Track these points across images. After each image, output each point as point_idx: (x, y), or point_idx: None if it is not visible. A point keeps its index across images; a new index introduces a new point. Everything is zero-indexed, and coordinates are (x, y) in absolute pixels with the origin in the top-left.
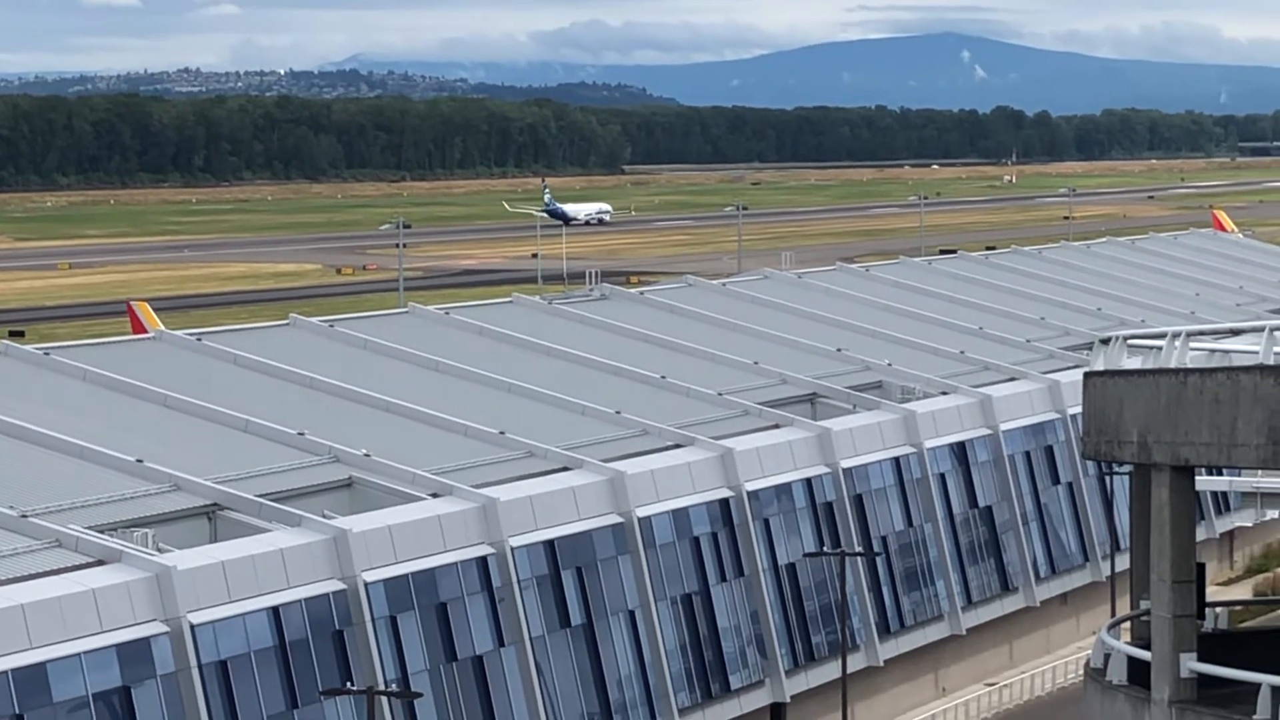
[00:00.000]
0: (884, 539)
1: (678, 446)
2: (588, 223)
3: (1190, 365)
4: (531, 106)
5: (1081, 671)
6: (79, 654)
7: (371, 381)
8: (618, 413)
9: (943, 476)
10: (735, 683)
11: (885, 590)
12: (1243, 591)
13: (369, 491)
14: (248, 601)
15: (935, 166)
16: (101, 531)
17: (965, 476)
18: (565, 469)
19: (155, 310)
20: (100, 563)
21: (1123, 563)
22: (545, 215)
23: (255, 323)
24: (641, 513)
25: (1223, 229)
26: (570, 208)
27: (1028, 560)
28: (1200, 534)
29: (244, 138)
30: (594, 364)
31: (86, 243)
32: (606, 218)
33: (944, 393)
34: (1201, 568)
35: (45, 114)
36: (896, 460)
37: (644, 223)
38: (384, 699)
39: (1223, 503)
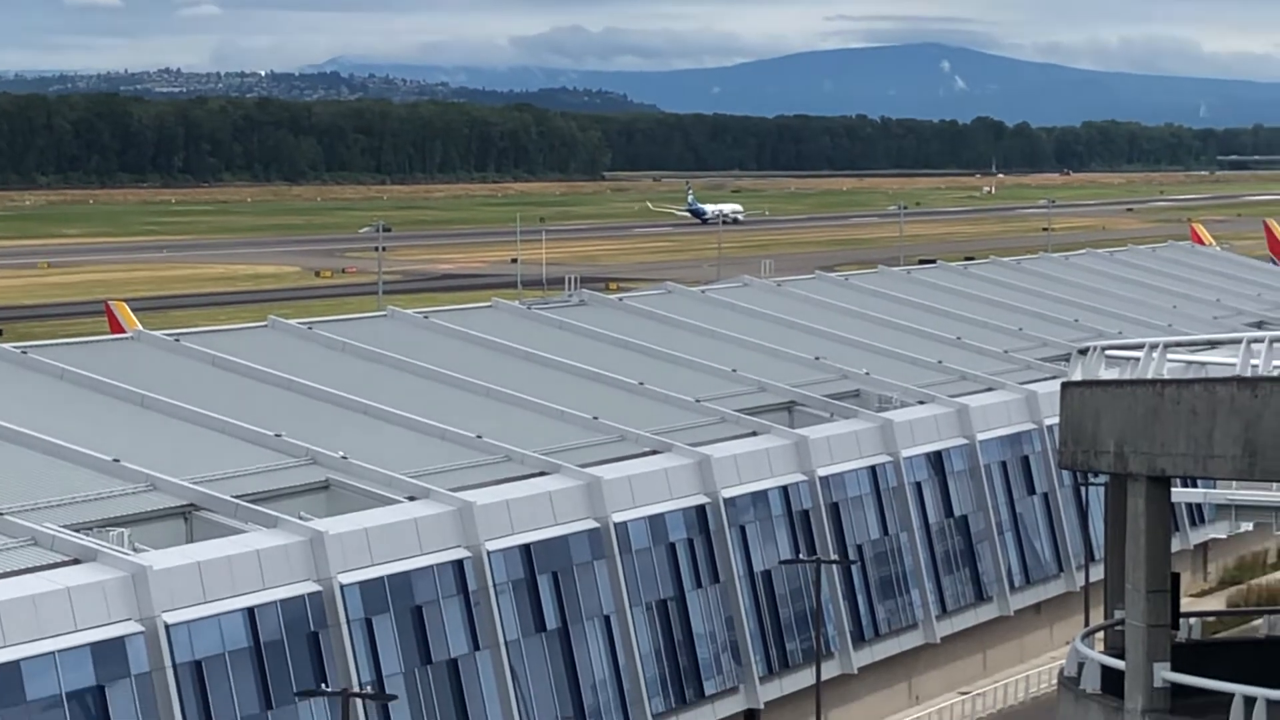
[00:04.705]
0: (859, 547)
1: (655, 453)
2: (723, 221)
3: (1167, 376)
4: (512, 111)
5: (1055, 680)
6: (53, 653)
7: (349, 384)
8: (595, 418)
9: (919, 485)
10: (709, 689)
11: (860, 598)
12: (1216, 603)
13: (346, 494)
14: (223, 602)
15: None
16: (77, 530)
17: (941, 486)
18: (542, 474)
19: (134, 310)
20: (76, 561)
21: (1097, 573)
22: (688, 214)
23: (233, 324)
24: (618, 518)
25: (1201, 242)
26: (710, 207)
27: (1002, 570)
28: (1175, 545)
29: (224, 139)
30: (572, 369)
31: (65, 242)
32: (740, 217)
33: (921, 402)
34: (1176, 578)
35: (25, 113)
36: (873, 469)
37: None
38: (359, 701)
39: (1197, 515)
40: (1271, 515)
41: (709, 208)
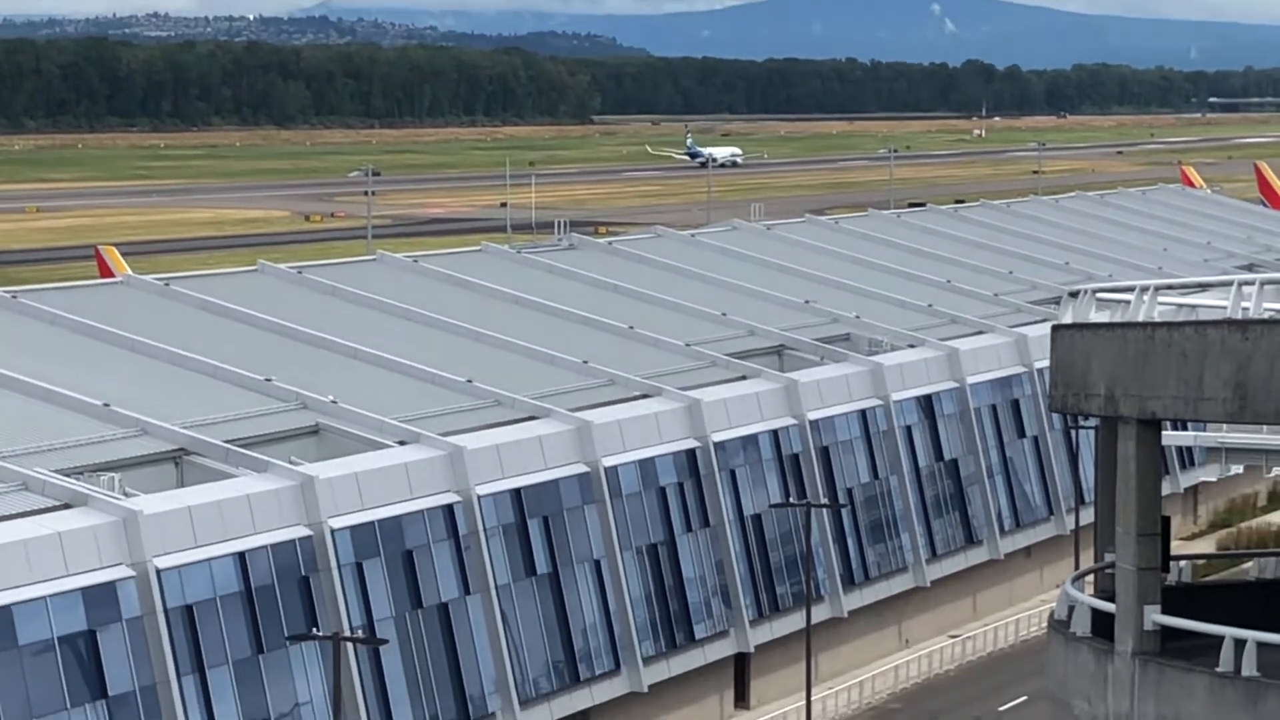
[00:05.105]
0: (849, 491)
1: (645, 397)
2: (722, 165)
3: (1158, 319)
4: (501, 55)
5: (1045, 624)
6: (45, 597)
7: (339, 328)
8: (585, 362)
9: (909, 429)
10: (700, 633)
11: (850, 542)
12: (1206, 546)
13: (336, 438)
14: (214, 546)
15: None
16: (68, 475)
17: (931, 429)
18: (532, 418)
19: (123, 255)
20: (67, 506)
21: (1087, 517)
22: (686, 157)
23: (223, 268)
24: (608, 462)
25: (1191, 184)
26: (707, 150)
27: (992, 513)
28: (1165, 489)
29: (213, 83)
30: (562, 313)
31: (54, 186)
32: (739, 160)
33: (911, 345)
34: (1166, 521)
35: (13, 57)
36: (863, 412)
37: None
38: (349, 645)
39: (1188, 458)
40: (1262, 458)
41: (707, 151)
